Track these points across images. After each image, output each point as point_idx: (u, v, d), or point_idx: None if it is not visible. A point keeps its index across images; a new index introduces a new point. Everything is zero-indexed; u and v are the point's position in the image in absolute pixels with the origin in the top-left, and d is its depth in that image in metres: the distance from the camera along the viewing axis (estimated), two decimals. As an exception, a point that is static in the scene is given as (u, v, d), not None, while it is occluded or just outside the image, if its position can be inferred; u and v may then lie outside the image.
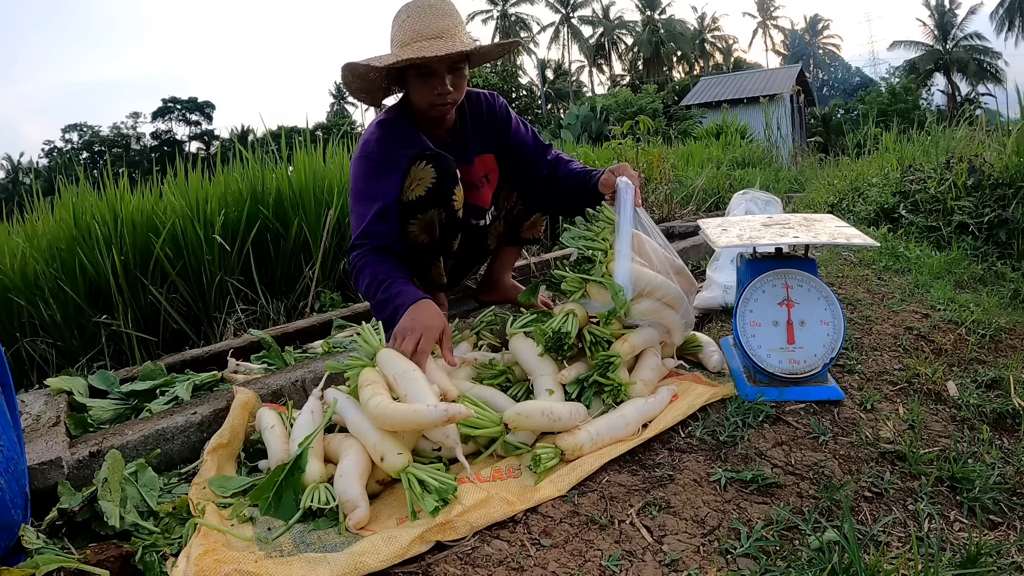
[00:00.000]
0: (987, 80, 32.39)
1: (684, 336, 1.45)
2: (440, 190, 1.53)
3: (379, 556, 0.86)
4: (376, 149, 1.58)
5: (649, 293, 1.34)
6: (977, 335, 1.57)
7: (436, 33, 1.48)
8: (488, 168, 1.79)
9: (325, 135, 3.53)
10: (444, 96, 1.53)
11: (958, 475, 1.02)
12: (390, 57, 1.49)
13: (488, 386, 1.29)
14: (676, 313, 1.40)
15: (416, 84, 1.54)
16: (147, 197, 2.59)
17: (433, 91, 1.52)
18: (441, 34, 1.48)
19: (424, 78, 1.52)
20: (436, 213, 1.56)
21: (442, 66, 1.50)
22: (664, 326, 1.39)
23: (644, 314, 1.35)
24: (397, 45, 1.52)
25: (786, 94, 16.59)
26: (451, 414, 1.00)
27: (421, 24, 1.48)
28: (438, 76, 1.51)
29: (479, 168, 1.76)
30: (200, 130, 44.70)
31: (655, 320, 1.37)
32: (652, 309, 1.36)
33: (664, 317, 1.38)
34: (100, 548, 0.92)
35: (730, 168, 6.48)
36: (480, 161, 1.76)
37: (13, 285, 2.21)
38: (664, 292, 1.36)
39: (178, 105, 44.41)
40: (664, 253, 1.43)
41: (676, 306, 1.39)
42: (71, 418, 1.39)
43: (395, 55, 1.48)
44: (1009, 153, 2.83)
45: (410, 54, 1.44)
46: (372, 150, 1.58)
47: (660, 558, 0.88)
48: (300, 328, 2.08)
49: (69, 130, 43.33)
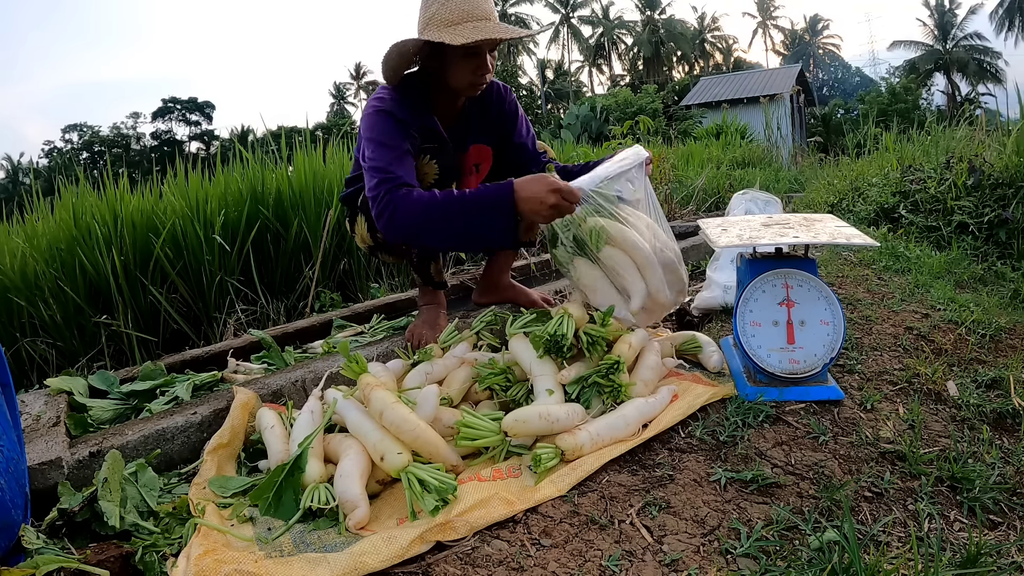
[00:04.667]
0: (987, 80, 32.39)
1: (647, 312, 1.44)
2: (441, 187, 1.55)
3: (379, 556, 0.86)
4: (397, 108, 1.53)
5: (620, 244, 1.36)
6: (977, 335, 1.57)
7: (485, 15, 1.49)
8: (481, 158, 1.78)
9: (325, 135, 3.53)
10: (483, 76, 1.55)
11: (958, 475, 1.02)
12: (460, 36, 1.44)
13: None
14: (639, 277, 1.38)
15: (460, 63, 1.52)
16: (147, 197, 2.59)
17: (476, 71, 1.53)
18: (489, 15, 1.50)
19: (470, 58, 1.51)
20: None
21: (486, 47, 1.51)
22: (623, 283, 1.39)
23: (608, 257, 1.37)
24: (442, 24, 1.48)
25: (786, 94, 16.60)
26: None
27: (469, 5, 1.48)
28: (482, 57, 1.52)
29: (472, 156, 1.75)
30: (200, 130, 44.70)
31: (615, 268, 1.38)
32: (617, 258, 1.37)
33: (626, 272, 1.38)
34: (100, 548, 0.92)
35: (730, 168, 6.48)
36: (476, 150, 1.75)
37: (13, 285, 2.21)
38: (636, 250, 1.37)
39: (178, 105, 44.41)
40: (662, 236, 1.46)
41: (644, 270, 1.38)
42: (71, 418, 1.39)
43: (465, 35, 1.44)
44: (1009, 153, 2.83)
45: (479, 35, 1.42)
46: (392, 107, 1.53)
47: (660, 558, 0.88)
48: (300, 328, 2.08)
49: (69, 130, 43.35)
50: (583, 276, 1.43)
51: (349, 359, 1.23)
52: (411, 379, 1.35)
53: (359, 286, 2.84)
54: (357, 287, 2.84)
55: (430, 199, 1.37)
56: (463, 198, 1.37)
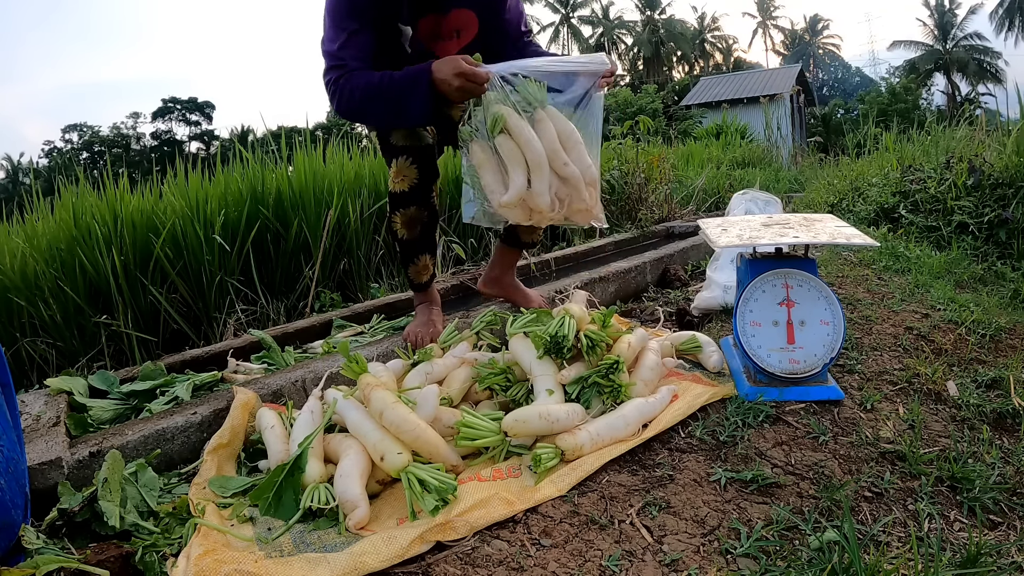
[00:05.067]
0: (987, 80, 32.36)
1: (522, 211, 1.44)
2: (421, 190, 1.58)
3: (379, 556, 0.86)
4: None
5: (515, 136, 1.38)
6: (977, 335, 1.57)
7: None
8: (463, 25, 1.69)
9: (325, 135, 3.54)
10: None
11: (958, 475, 1.02)
12: None
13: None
14: (522, 173, 1.38)
15: None
16: (147, 197, 2.59)
17: None
18: None
19: None
20: (419, 211, 1.62)
21: None
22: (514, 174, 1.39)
23: (500, 145, 1.39)
24: None
25: (786, 94, 16.59)
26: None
27: None
28: None
29: (453, 20, 1.66)
30: (200, 130, 44.68)
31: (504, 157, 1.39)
32: (506, 147, 1.39)
33: (511, 164, 1.39)
34: (100, 548, 0.92)
35: (730, 168, 6.47)
36: (457, 14, 1.65)
37: (13, 285, 2.21)
38: (527, 146, 1.37)
39: (178, 105, 44.40)
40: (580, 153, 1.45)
41: (532, 169, 1.38)
42: (71, 418, 1.39)
43: None
44: (1009, 153, 2.83)
45: None
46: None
47: (660, 558, 0.88)
48: (300, 328, 2.08)
49: (69, 130, 43.32)
50: (475, 155, 1.44)
51: (349, 359, 1.23)
52: (411, 379, 1.35)
53: (359, 286, 2.84)
54: (357, 287, 2.84)
55: (367, 83, 1.45)
56: (392, 78, 1.44)
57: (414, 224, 1.64)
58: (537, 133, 1.40)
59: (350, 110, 1.49)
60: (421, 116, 1.46)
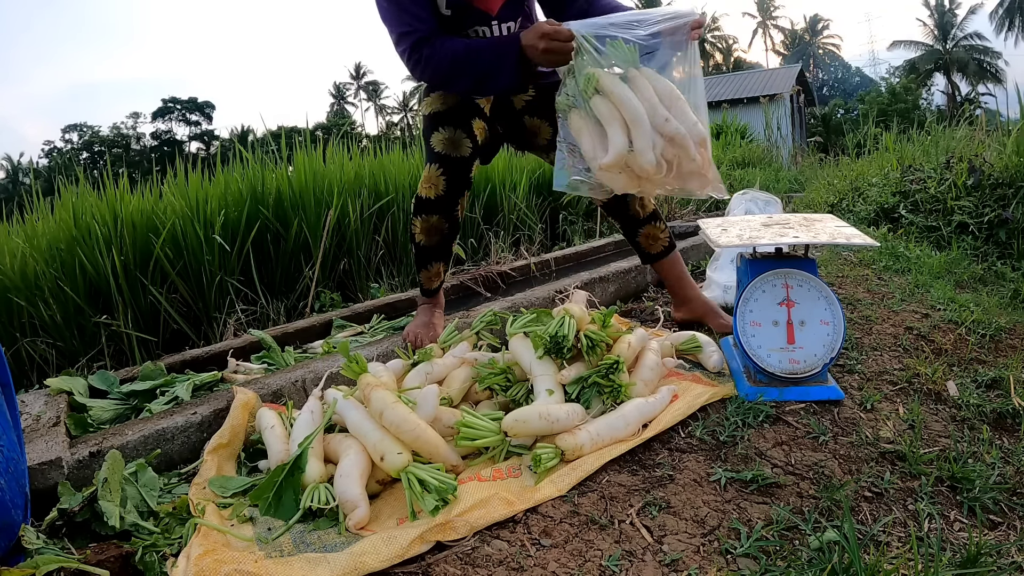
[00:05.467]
0: (987, 80, 32.36)
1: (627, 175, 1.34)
2: (447, 202, 1.58)
3: (379, 556, 0.86)
4: None
5: (609, 95, 1.32)
6: (977, 335, 1.57)
7: None
8: None
9: (325, 135, 3.54)
10: None
11: (958, 475, 1.02)
12: None
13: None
14: (622, 132, 1.30)
15: None
16: (147, 197, 2.59)
17: None
18: None
19: None
20: (440, 222, 1.61)
21: None
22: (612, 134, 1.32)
23: (595, 106, 1.33)
24: None
25: (786, 94, 16.59)
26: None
27: None
28: None
29: None
30: (200, 130, 44.69)
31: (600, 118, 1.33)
32: (602, 108, 1.33)
33: (609, 124, 1.32)
34: (100, 548, 0.92)
35: (730, 168, 6.47)
36: None
37: (13, 285, 2.21)
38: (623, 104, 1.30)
39: (178, 105, 44.40)
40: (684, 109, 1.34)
41: (631, 127, 1.30)
42: (71, 418, 1.39)
43: None
44: (1009, 153, 2.83)
45: None
46: None
47: (660, 558, 0.88)
48: (300, 328, 2.08)
49: (69, 130, 43.34)
50: (572, 123, 1.39)
51: (349, 359, 1.23)
52: (411, 379, 1.35)
53: (359, 286, 2.84)
54: (357, 287, 2.84)
55: (453, 54, 1.45)
56: (479, 49, 1.46)
57: (433, 233, 1.63)
58: (633, 91, 1.31)
59: (436, 79, 1.52)
60: (512, 79, 1.46)
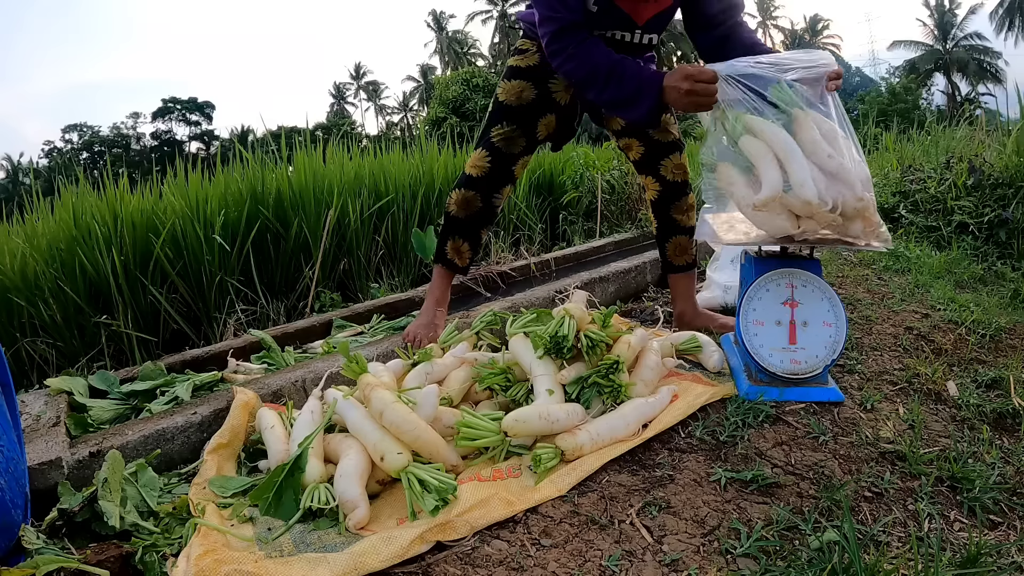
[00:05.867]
0: (987, 80, 32.36)
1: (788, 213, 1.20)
2: (488, 185, 1.64)
3: (379, 556, 0.86)
4: None
5: (758, 133, 1.23)
6: (977, 335, 1.57)
7: None
8: None
9: (325, 135, 3.54)
10: None
11: (958, 475, 1.02)
12: None
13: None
14: (774, 166, 1.18)
15: None
16: (147, 197, 2.59)
17: None
18: None
19: None
20: (475, 199, 1.66)
21: None
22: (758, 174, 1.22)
23: (744, 146, 1.24)
24: None
25: (786, 94, 16.54)
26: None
27: None
28: None
29: None
30: (200, 130, 44.69)
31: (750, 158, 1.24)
32: (751, 146, 1.23)
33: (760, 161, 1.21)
34: (100, 548, 0.92)
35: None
36: None
37: (13, 285, 2.21)
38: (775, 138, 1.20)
39: (178, 105, 44.40)
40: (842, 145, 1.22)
41: (785, 161, 1.18)
42: (71, 418, 1.39)
43: None
44: (1009, 153, 2.84)
45: None
46: None
47: (660, 558, 0.88)
48: (300, 328, 2.08)
49: (69, 130, 43.34)
50: (721, 177, 1.31)
51: (349, 359, 1.23)
52: (411, 379, 1.35)
53: (359, 286, 2.84)
54: (357, 287, 2.84)
55: (594, 65, 1.41)
56: (623, 73, 1.40)
57: (467, 206, 1.67)
58: (795, 132, 1.21)
59: (568, 77, 1.49)
60: (647, 118, 1.43)
